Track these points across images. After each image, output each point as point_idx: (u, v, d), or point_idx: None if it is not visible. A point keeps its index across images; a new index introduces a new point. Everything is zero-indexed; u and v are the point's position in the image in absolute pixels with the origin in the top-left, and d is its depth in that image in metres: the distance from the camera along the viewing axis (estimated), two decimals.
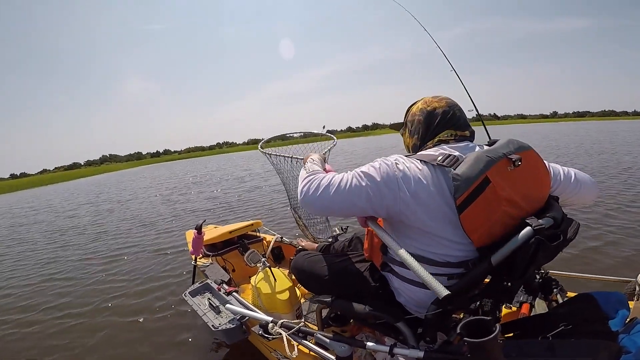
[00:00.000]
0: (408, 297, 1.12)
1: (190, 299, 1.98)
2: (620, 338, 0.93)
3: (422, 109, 1.17)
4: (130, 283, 3.48)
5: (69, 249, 5.23)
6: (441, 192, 0.96)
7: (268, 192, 8.40)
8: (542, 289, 1.49)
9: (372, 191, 0.99)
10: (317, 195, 1.04)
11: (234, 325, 1.69)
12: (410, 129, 1.22)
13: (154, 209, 8.28)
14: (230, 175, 15.10)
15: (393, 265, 1.15)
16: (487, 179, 0.92)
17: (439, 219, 0.97)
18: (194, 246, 2.30)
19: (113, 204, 10.52)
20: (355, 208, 1.03)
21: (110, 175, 36.60)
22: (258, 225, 2.89)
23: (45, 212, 10.94)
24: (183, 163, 45.63)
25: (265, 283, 1.76)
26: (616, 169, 7.64)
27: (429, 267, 0.98)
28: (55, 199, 15.62)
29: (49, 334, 2.61)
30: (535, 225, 0.91)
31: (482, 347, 0.70)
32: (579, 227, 1.05)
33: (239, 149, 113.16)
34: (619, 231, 3.73)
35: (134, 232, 5.84)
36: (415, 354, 0.99)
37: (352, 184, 1.01)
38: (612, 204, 4.77)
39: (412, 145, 1.21)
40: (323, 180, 1.06)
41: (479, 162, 0.94)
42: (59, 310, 3.04)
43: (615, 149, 12.24)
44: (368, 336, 1.44)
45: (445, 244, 1.00)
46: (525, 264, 0.92)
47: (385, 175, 0.99)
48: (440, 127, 1.13)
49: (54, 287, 3.67)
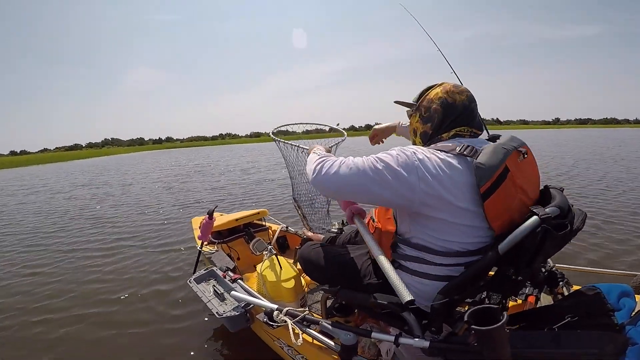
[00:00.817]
0: (417, 291, 1.11)
1: (195, 285, 2.00)
2: (627, 330, 0.93)
3: (442, 98, 1.13)
4: (136, 270, 3.51)
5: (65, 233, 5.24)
6: (464, 181, 0.96)
7: (272, 187, 8.40)
8: (547, 282, 1.49)
9: (390, 178, 0.96)
10: (330, 174, 1.01)
11: (238, 313, 1.70)
12: (423, 115, 1.17)
13: (155, 195, 8.32)
14: (236, 166, 15.06)
15: (404, 261, 1.13)
16: (507, 167, 0.97)
17: (461, 207, 0.97)
18: (203, 231, 2.30)
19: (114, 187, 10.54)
20: (369, 193, 1.00)
21: (110, 158, 36.08)
22: (264, 214, 2.91)
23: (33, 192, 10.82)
24: (185, 151, 45.12)
25: (270, 271, 1.78)
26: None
27: (449, 259, 1.01)
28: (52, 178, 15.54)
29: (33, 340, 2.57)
30: (542, 214, 0.92)
31: (490, 335, 0.70)
32: (586, 217, 1.06)
33: (241, 140, 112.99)
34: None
35: (133, 218, 5.85)
36: (420, 343, 0.99)
37: (368, 167, 0.98)
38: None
39: (422, 132, 1.17)
40: (337, 161, 1.04)
41: (498, 152, 0.97)
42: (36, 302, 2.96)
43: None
44: (372, 326, 1.45)
45: (467, 232, 1.00)
46: (532, 253, 0.93)
47: (404, 164, 0.96)
48: (458, 122, 1.12)
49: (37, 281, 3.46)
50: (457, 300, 1.05)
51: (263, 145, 41.79)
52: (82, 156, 45.84)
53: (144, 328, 2.43)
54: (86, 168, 20.87)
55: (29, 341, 2.36)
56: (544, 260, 1.46)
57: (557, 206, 0.97)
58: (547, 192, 1.12)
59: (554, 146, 18.66)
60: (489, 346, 0.72)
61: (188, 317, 2.51)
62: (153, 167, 18.16)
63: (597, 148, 16.19)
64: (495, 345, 0.71)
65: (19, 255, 4.24)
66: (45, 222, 6.09)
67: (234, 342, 2.17)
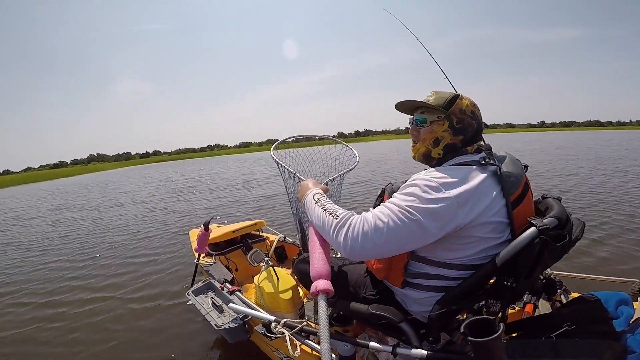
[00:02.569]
0: (425, 305, 1.08)
1: (193, 297, 1.98)
2: (625, 337, 0.93)
3: (474, 112, 1.09)
4: (130, 281, 3.49)
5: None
6: (495, 193, 0.95)
7: (270, 199, 8.35)
8: (546, 290, 1.49)
9: (426, 225, 0.89)
10: (366, 247, 0.92)
11: (236, 325, 1.69)
12: (455, 125, 1.08)
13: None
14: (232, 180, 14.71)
15: (418, 279, 1.08)
16: (526, 178, 1.03)
17: (495, 220, 0.95)
18: (199, 243, 2.29)
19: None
20: (408, 246, 0.94)
21: (97, 175, 35.03)
22: (261, 225, 2.90)
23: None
24: (175, 164, 44.44)
25: (268, 282, 1.77)
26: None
27: (471, 272, 1.00)
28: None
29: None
30: (540, 225, 0.91)
31: (486, 346, 0.70)
32: (585, 227, 1.06)
33: (230, 151, 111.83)
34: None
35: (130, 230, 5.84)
36: (418, 353, 0.99)
37: (401, 223, 0.90)
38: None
39: (450, 143, 1.09)
40: (358, 225, 0.93)
41: (517, 164, 1.03)
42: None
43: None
44: (371, 336, 1.44)
45: (494, 244, 0.99)
46: (531, 265, 0.92)
47: (436, 202, 0.89)
48: (478, 137, 1.12)
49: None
50: (455, 310, 1.04)
51: (254, 155, 41.48)
52: (67, 174, 45.23)
53: (143, 340, 2.41)
54: (71, 188, 19.76)
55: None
56: (543, 271, 1.45)
57: (555, 217, 0.96)
58: (544, 202, 1.12)
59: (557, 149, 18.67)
60: (485, 357, 0.72)
61: (187, 329, 2.49)
62: (141, 183, 17.41)
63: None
64: (491, 356, 0.71)
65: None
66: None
67: (233, 352, 2.15)
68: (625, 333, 0.96)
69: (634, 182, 7.04)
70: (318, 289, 0.97)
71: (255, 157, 7.95)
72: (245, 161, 29.60)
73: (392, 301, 1.18)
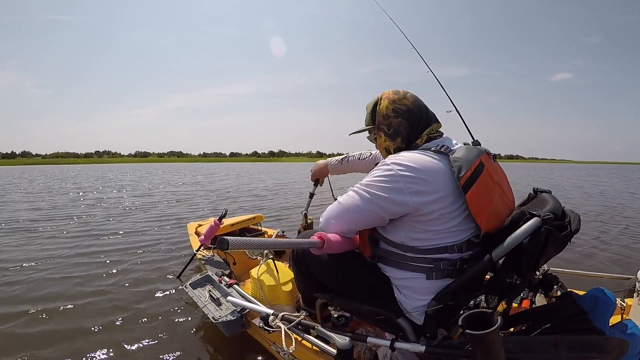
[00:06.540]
0: (407, 289, 1.10)
1: (190, 290, 1.99)
2: (609, 334, 0.93)
3: (396, 109, 1.12)
4: (125, 275, 3.48)
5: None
6: (446, 177, 0.97)
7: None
8: (542, 286, 1.49)
9: (382, 205, 1.00)
10: (325, 219, 1.14)
11: (234, 318, 1.69)
12: (387, 132, 1.15)
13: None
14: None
15: (389, 257, 1.13)
16: (482, 163, 1.01)
17: (448, 203, 0.98)
18: (207, 234, 2.28)
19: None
20: (360, 223, 1.09)
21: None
22: (260, 219, 2.92)
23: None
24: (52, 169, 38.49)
25: (268, 275, 1.78)
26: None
27: (446, 255, 1.02)
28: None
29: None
30: (544, 215, 0.91)
31: (484, 339, 0.71)
32: (580, 219, 1.06)
33: (124, 160, 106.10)
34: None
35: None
36: (416, 348, 0.99)
37: (351, 201, 1.06)
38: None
39: (396, 147, 1.16)
40: (333, 204, 1.14)
41: (471, 150, 1.03)
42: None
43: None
44: (369, 331, 1.44)
45: (460, 227, 1.01)
46: (536, 255, 0.92)
47: (391, 186, 0.98)
48: (424, 124, 1.13)
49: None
50: (452, 306, 1.04)
51: (154, 166, 37.08)
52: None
53: (138, 333, 2.41)
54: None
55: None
56: (544, 263, 1.46)
57: (550, 211, 0.96)
58: (535, 196, 1.14)
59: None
60: (483, 350, 0.72)
61: (183, 322, 2.49)
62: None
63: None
64: (489, 349, 0.72)
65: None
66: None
67: (230, 345, 2.15)
68: (611, 330, 0.96)
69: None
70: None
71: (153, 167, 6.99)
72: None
73: (390, 299, 1.18)
